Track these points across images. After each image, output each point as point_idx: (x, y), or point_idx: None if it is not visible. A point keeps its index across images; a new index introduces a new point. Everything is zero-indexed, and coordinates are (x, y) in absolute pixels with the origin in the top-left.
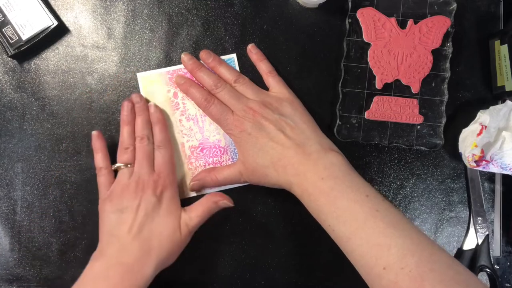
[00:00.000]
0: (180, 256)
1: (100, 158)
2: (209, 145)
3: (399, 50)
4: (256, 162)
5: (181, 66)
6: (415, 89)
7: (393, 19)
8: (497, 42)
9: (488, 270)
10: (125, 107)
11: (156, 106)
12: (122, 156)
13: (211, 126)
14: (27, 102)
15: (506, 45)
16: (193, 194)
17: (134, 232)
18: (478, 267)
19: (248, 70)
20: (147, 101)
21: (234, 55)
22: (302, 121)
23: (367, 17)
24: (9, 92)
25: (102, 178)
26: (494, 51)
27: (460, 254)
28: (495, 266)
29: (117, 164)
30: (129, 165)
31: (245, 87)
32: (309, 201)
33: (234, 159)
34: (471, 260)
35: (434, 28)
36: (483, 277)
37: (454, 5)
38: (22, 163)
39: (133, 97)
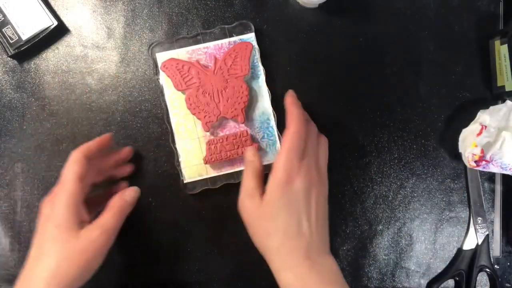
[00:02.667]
0: (181, 256)
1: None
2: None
3: (212, 89)
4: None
5: (200, 45)
6: (240, 119)
7: (195, 62)
8: (497, 42)
9: (488, 270)
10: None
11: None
12: None
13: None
14: (27, 102)
15: (506, 45)
16: (212, 174)
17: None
18: (478, 267)
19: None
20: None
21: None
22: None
23: (171, 68)
24: (9, 92)
25: None
26: (494, 51)
27: (460, 254)
28: (495, 266)
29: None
30: None
31: None
32: None
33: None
34: (471, 260)
35: (239, 56)
36: (483, 277)
37: (252, 26)
38: (22, 163)
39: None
